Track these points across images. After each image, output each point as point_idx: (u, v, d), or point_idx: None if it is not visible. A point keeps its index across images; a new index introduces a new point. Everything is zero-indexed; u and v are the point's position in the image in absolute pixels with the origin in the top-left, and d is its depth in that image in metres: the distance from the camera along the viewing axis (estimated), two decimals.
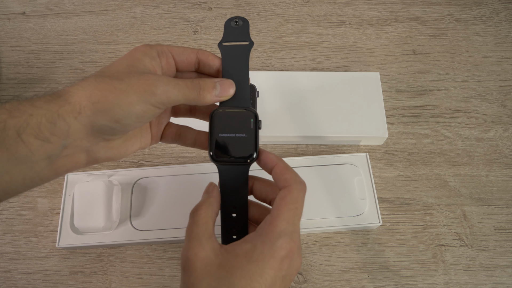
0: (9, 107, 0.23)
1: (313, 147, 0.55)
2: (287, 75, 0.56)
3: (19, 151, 0.22)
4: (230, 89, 0.30)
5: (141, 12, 0.67)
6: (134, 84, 0.25)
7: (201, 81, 0.28)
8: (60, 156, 0.25)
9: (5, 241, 0.49)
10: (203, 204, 0.28)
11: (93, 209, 0.45)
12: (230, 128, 0.30)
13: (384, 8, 0.66)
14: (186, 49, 0.31)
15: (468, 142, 0.55)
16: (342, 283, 0.46)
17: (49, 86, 0.60)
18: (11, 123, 0.22)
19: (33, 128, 0.23)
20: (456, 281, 0.46)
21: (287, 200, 0.27)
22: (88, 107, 0.24)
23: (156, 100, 0.26)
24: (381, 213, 0.49)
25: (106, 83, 0.25)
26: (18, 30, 0.65)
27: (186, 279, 0.25)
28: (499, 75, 0.60)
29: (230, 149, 0.30)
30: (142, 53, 0.28)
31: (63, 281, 0.47)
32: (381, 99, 0.54)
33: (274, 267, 0.25)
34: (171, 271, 0.47)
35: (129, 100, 0.25)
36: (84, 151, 0.26)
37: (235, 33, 0.32)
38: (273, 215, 0.26)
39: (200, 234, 0.26)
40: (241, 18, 0.33)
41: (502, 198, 0.51)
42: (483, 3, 0.66)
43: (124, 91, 0.25)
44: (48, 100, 0.24)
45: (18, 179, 0.23)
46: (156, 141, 0.33)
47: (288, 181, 0.28)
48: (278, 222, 0.26)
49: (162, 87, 0.26)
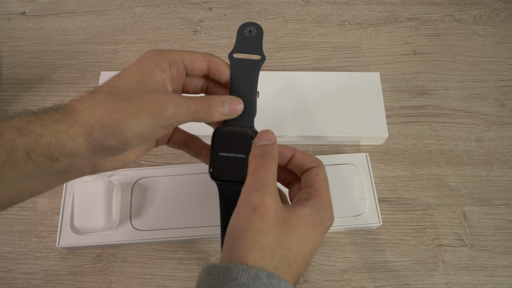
0: (17, 125, 0.23)
1: (313, 147, 0.55)
2: (287, 75, 0.56)
3: (28, 168, 0.23)
4: (238, 109, 0.30)
5: (141, 12, 0.67)
6: (145, 107, 0.25)
7: (210, 100, 0.29)
8: (68, 171, 0.25)
9: (5, 241, 0.49)
10: (273, 154, 0.28)
11: (93, 209, 0.45)
12: (230, 148, 0.30)
13: (384, 8, 0.66)
14: (197, 56, 0.30)
15: (468, 142, 0.55)
16: (342, 283, 0.46)
17: (49, 86, 0.60)
18: (20, 142, 0.22)
19: (43, 148, 0.23)
20: (456, 281, 0.46)
21: (322, 176, 0.29)
22: (98, 130, 0.24)
23: (166, 122, 0.26)
24: (381, 213, 0.49)
25: (116, 104, 0.25)
26: (18, 30, 0.65)
27: (258, 222, 0.25)
28: (499, 75, 0.60)
29: (228, 169, 0.30)
30: (153, 64, 0.28)
31: (63, 281, 0.47)
32: (381, 99, 0.54)
33: (322, 234, 0.27)
34: (171, 271, 0.47)
35: (139, 124, 0.25)
36: (91, 165, 0.27)
37: (247, 43, 0.32)
38: (316, 188, 0.28)
39: (273, 184, 0.27)
40: (255, 26, 0.32)
41: (502, 198, 0.51)
42: (483, 3, 0.66)
43: (135, 114, 0.25)
44: (58, 119, 0.24)
45: (25, 191, 0.24)
46: (161, 144, 0.34)
47: (316, 161, 0.30)
48: (325, 195, 0.28)
49: (172, 109, 0.26)
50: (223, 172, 0.30)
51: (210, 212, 0.48)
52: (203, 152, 0.34)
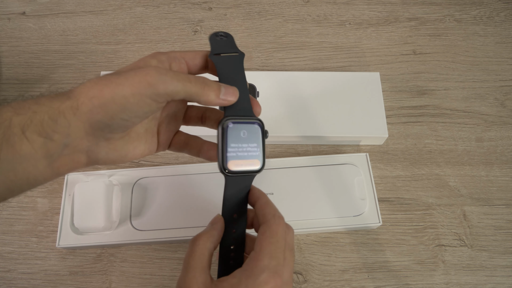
0: (14, 105, 0.24)
1: (313, 147, 0.55)
2: (287, 75, 0.56)
3: (23, 148, 0.23)
4: (234, 94, 0.29)
5: (141, 12, 0.67)
6: (130, 76, 0.25)
7: (205, 78, 0.28)
8: (62, 154, 0.25)
9: (5, 241, 0.49)
10: (204, 235, 0.29)
11: (93, 209, 0.45)
12: (240, 139, 0.30)
13: (384, 8, 0.66)
14: (198, 53, 0.30)
15: (468, 142, 0.55)
16: (342, 283, 0.46)
17: (49, 86, 0.60)
18: (16, 120, 0.23)
19: (36, 125, 0.23)
20: (456, 281, 0.46)
21: (266, 234, 0.27)
22: (85, 103, 0.24)
23: (153, 91, 0.25)
24: (381, 213, 0.49)
25: (105, 79, 0.25)
26: (18, 30, 0.65)
27: None
28: (499, 75, 0.60)
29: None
30: (151, 56, 0.28)
31: (63, 281, 0.47)
32: (381, 99, 0.54)
33: None
34: (171, 271, 0.47)
35: (123, 93, 0.24)
36: (85, 151, 0.26)
37: (222, 45, 0.32)
38: (256, 250, 0.27)
39: (195, 266, 0.27)
40: (224, 33, 0.32)
41: (502, 198, 0.51)
42: (483, 3, 0.66)
43: (120, 84, 0.24)
44: (52, 98, 0.24)
45: (23, 177, 0.24)
46: (163, 149, 0.33)
47: (266, 216, 0.28)
48: (261, 257, 0.26)
49: (159, 76, 0.25)
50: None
51: (210, 212, 0.47)
52: (204, 148, 0.34)
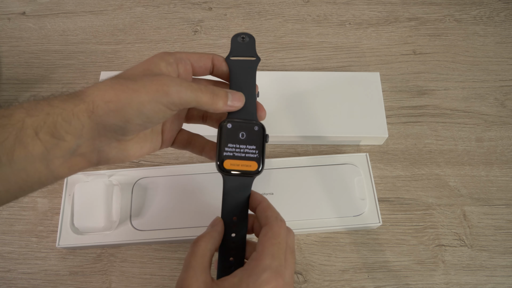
0: (26, 106, 0.24)
1: (313, 147, 0.55)
2: (287, 75, 0.56)
3: (36, 149, 0.23)
4: (241, 100, 0.31)
5: (141, 12, 0.67)
6: (147, 84, 0.26)
7: (214, 87, 0.29)
8: (74, 154, 0.25)
9: (5, 241, 0.49)
10: (205, 236, 0.29)
11: (93, 209, 0.45)
12: (238, 140, 0.30)
13: (384, 8, 0.66)
14: (202, 55, 0.32)
15: (468, 142, 0.55)
16: (342, 283, 0.46)
17: (49, 86, 0.60)
18: (29, 122, 0.23)
19: (50, 127, 0.23)
20: (456, 281, 0.46)
21: (269, 235, 0.28)
22: (100, 107, 0.25)
23: (168, 100, 0.26)
24: (381, 213, 0.49)
25: (120, 84, 0.26)
26: (18, 30, 0.65)
27: None
28: (499, 75, 0.60)
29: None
30: (159, 58, 0.29)
31: (63, 281, 0.47)
32: (381, 99, 0.54)
33: None
34: (171, 271, 0.47)
35: (140, 100, 0.25)
36: (96, 151, 0.27)
37: (242, 48, 0.33)
38: (258, 251, 0.28)
39: (196, 266, 0.27)
40: (247, 35, 0.34)
41: (502, 198, 0.51)
42: (483, 3, 0.66)
43: (137, 91, 0.25)
44: (65, 99, 0.25)
45: (34, 176, 0.24)
46: (166, 146, 0.34)
47: (269, 219, 0.29)
48: (263, 257, 0.27)
49: (174, 87, 0.26)
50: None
51: (210, 212, 0.47)
52: (206, 148, 0.35)
